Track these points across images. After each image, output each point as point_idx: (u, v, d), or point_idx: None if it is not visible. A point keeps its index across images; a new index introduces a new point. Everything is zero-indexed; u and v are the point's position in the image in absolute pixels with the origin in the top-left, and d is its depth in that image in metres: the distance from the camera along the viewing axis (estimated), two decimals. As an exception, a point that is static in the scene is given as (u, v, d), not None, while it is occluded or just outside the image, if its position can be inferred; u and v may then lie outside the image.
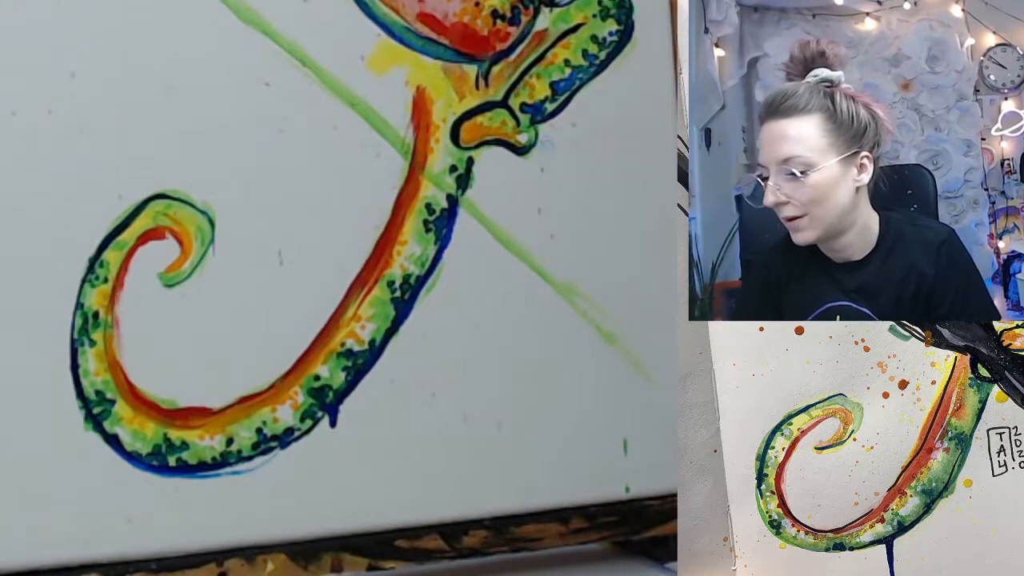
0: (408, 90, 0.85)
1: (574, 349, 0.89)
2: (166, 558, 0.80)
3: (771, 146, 0.77)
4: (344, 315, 0.83)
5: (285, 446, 0.82)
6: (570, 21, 0.88)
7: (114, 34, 0.79)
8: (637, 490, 0.90)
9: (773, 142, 0.77)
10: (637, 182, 0.90)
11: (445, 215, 0.86)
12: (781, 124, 0.77)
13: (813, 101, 0.77)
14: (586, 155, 0.89)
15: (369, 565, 0.84)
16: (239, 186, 0.81)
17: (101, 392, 0.79)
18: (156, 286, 0.80)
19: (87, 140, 0.78)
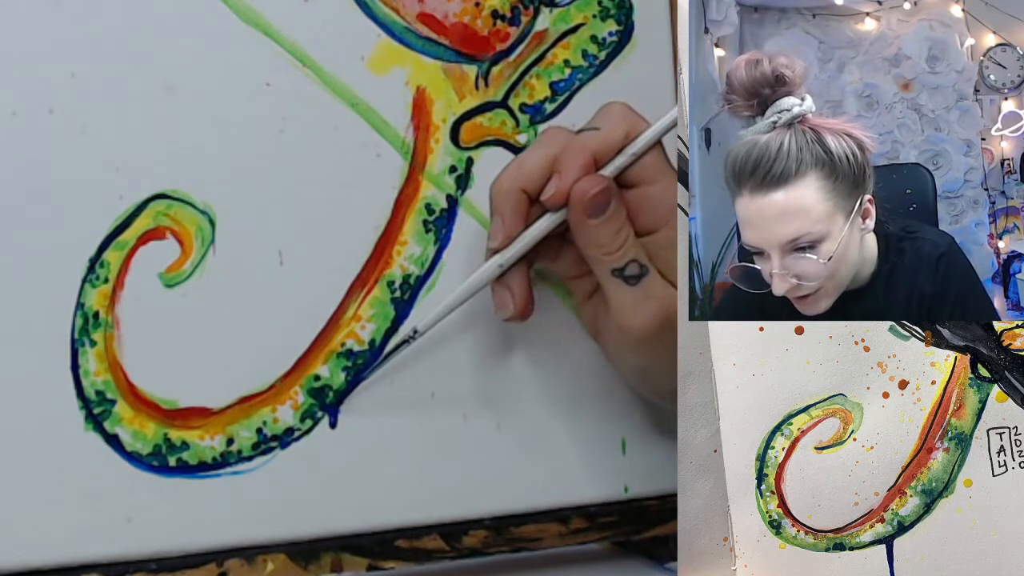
0: (408, 90, 0.85)
1: (574, 349, 0.89)
2: (166, 558, 0.80)
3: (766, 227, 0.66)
4: (344, 315, 0.83)
5: (285, 446, 0.82)
6: (570, 21, 0.88)
7: (114, 34, 0.79)
8: (637, 490, 0.90)
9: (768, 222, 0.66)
10: (637, 182, 0.90)
11: (445, 215, 0.86)
12: (774, 199, 0.65)
13: (804, 157, 0.65)
14: (586, 155, 0.89)
15: (369, 565, 0.84)
16: (239, 186, 0.81)
17: (101, 392, 0.79)
18: (156, 286, 0.80)
19: (87, 140, 0.78)
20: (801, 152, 0.65)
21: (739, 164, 0.66)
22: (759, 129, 0.66)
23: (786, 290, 0.67)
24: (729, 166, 0.67)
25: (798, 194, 0.65)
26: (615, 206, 0.76)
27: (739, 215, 0.67)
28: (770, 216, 0.65)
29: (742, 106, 0.67)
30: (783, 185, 0.65)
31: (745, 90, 0.66)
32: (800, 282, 0.67)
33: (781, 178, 0.64)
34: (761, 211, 0.65)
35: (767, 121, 0.66)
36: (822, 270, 0.66)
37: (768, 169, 0.64)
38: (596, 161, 0.78)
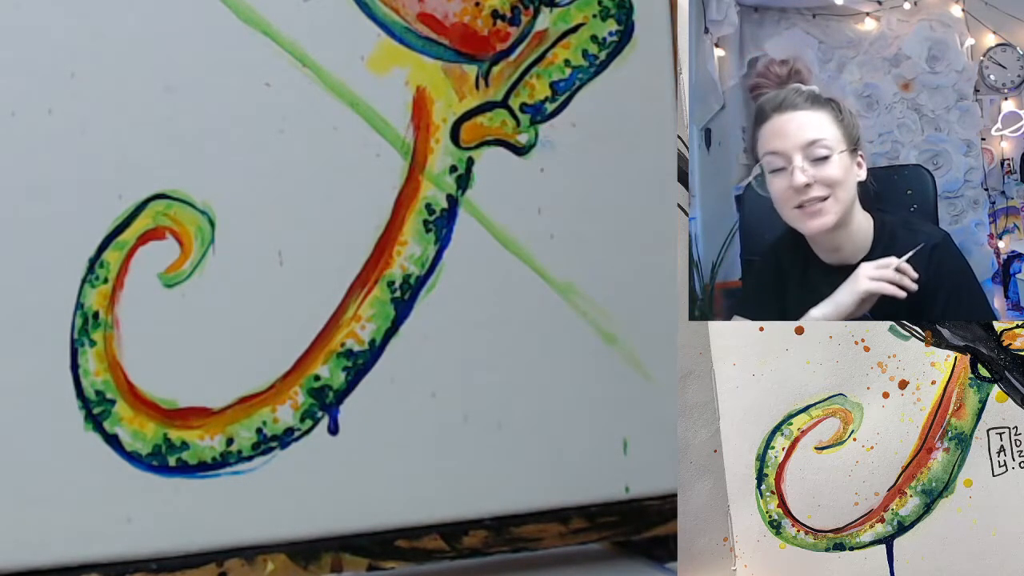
0: (408, 90, 0.85)
1: (574, 349, 0.89)
2: (166, 558, 0.80)
3: (790, 134, 0.79)
4: (344, 315, 0.83)
5: (285, 446, 0.82)
6: (570, 21, 0.88)
7: (114, 34, 0.79)
8: (637, 490, 0.90)
9: (793, 130, 0.79)
10: (637, 182, 0.90)
11: (445, 215, 0.86)
12: (798, 115, 0.79)
13: (819, 100, 0.80)
14: (586, 155, 0.89)
15: (369, 565, 0.84)
16: (239, 186, 0.81)
17: (101, 392, 0.79)
18: (156, 286, 0.80)
19: (87, 140, 0.78)
20: (816, 100, 0.80)
21: (770, 99, 0.81)
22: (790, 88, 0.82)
23: (802, 184, 0.78)
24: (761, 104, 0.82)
25: (816, 115, 0.80)
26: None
27: (763, 136, 0.80)
28: (794, 126, 0.79)
29: (771, 87, 0.84)
30: (804, 109, 0.80)
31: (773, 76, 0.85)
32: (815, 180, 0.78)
33: (803, 105, 0.80)
34: (786, 123, 0.79)
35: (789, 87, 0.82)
36: (836, 172, 0.78)
37: (794, 100, 0.80)
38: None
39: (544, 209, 0.88)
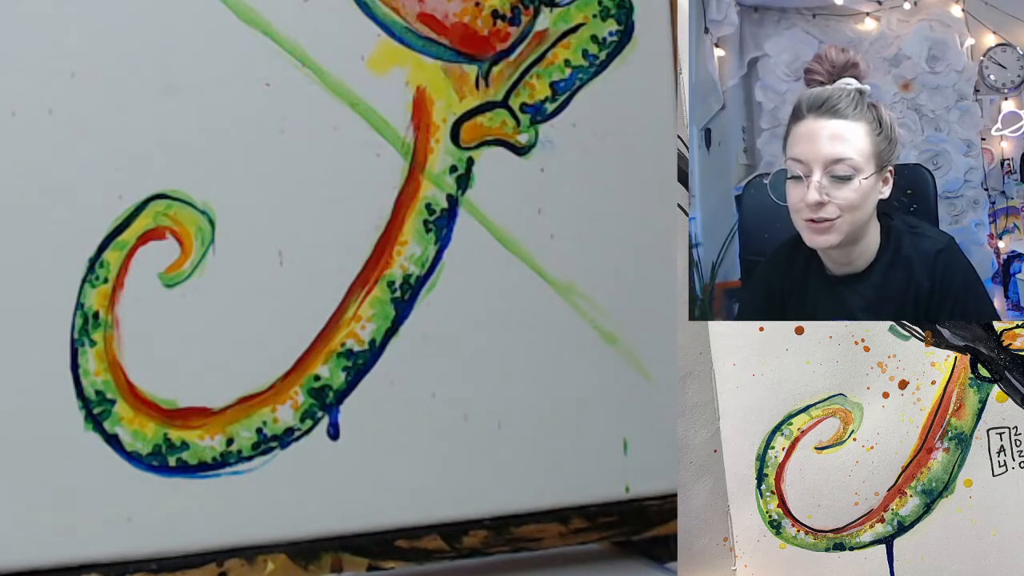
0: (408, 90, 0.85)
1: (574, 349, 0.89)
2: (166, 558, 0.80)
3: (818, 144, 0.76)
4: (344, 315, 0.83)
5: (285, 446, 0.82)
6: (570, 21, 0.88)
7: (114, 34, 0.79)
8: (637, 490, 0.90)
9: (822, 140, 0.76)
10: (637, 182, 0.90)
11: (445, 215, 0.86)
12: (832, 124, 0.76)
13: (860, 111, 0.77)
14: (586, 155, 0.89)
15: (369, 565, 0.84)
16: (239, 186, 0.81)
17: (101, 392, 0.79)
18: (156, 286, 0.80)
19: (87, 140, 0.78)
20: (860, 105, 0.77)
21: (811, 97, 0.77)
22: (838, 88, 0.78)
23: (815, 201, 0.76)
24: (801, 99, 0.78)
25: (851, 127, 0.76)
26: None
27: (794, 136, 0.77)
28: (824, 136, 0.76)
29: (822, 75, 0.79)
30: (841, 118, 0.76)
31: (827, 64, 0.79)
32: (830, 201, 0.76)
33: (841, 113, 0.76)
34: (817, 131, 0.76)
35: (838, 87, 0.78)
36: (852, 196, 0.76)
37: (835, 104, 0.76)
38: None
39: (544, 209, 0.88)
